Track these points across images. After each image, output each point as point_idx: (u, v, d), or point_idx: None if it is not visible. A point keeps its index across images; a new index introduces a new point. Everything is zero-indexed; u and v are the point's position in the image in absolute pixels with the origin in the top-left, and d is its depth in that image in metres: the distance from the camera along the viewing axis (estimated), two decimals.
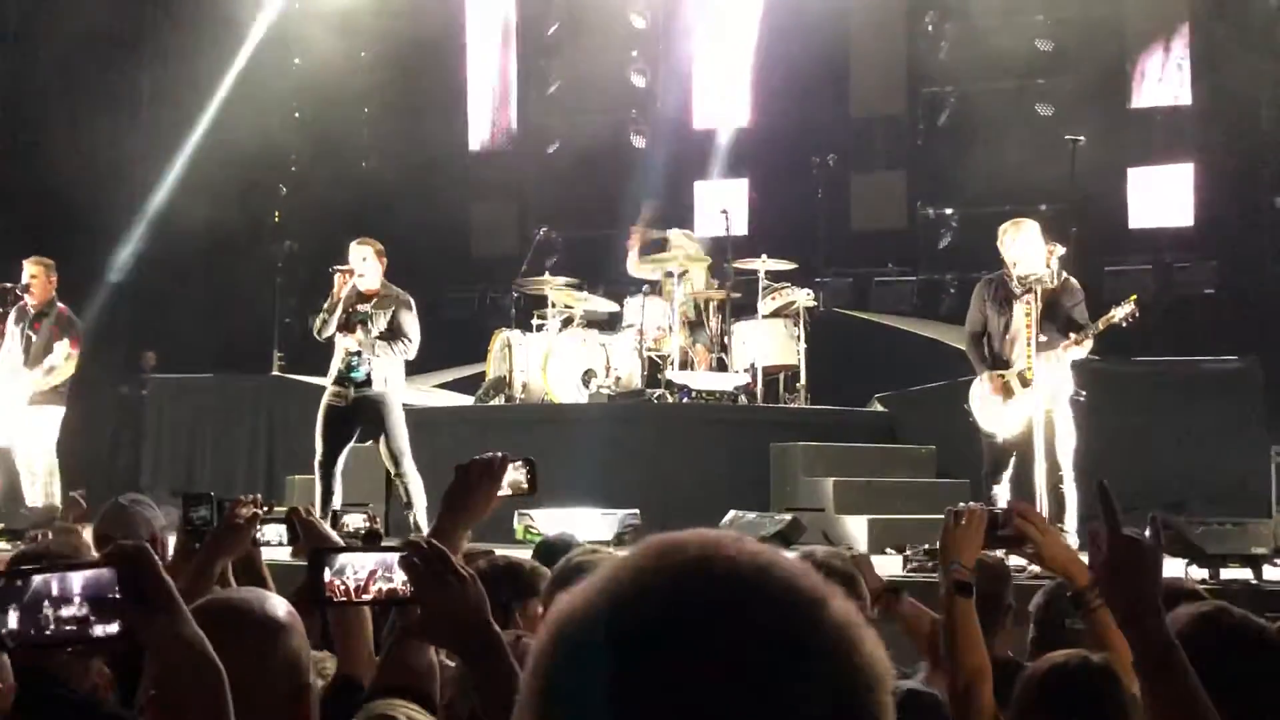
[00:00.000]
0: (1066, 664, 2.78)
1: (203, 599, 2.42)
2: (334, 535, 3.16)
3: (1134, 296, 7.59)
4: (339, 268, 8.50)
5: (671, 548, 1.03)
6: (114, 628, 1.73)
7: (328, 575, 2.16)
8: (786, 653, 0.98)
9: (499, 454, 2.77)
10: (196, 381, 12.53)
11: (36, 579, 1.73)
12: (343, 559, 2.17)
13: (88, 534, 4.60)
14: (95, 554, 3.31)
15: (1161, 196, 13.06)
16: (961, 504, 3.29)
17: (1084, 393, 7.59)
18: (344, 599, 2.18)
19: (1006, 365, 7.66)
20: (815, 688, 0.98)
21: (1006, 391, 7.63)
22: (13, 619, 1.70)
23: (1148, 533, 3.10)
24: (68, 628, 1.72)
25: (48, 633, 1.72)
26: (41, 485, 9.26)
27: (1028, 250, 7.66)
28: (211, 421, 12.13)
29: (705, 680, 0.96)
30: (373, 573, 2.16)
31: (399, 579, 2.13)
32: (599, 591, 1.02)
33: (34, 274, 9.40)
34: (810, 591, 1.02)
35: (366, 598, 2.18)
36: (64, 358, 9.31)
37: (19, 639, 1.72)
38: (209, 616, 2.27)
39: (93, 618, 1.73)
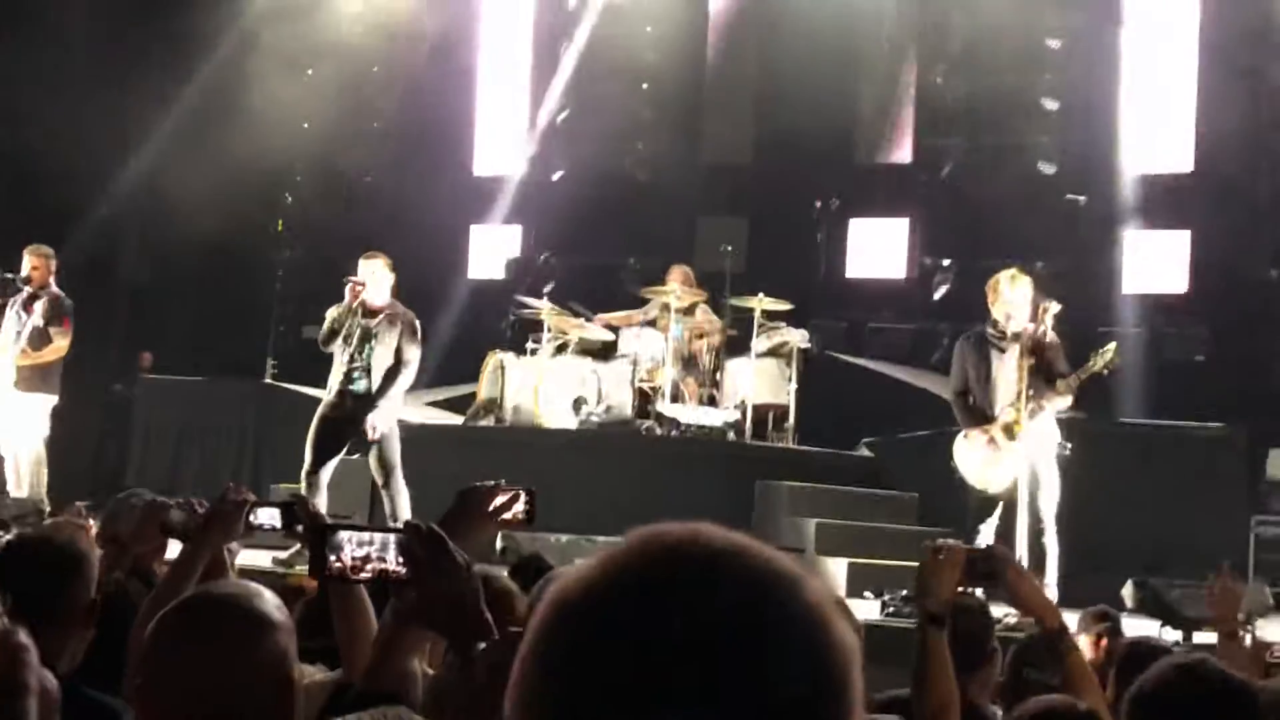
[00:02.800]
0: (1055, 708, 2.83)
1: (193, 591, 2.44)
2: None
3: (1114, 345, 7.65)
4: (353, 279, 8.49)
5: (654, 535, 1.09)
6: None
7: (327, 551, 2.24)
8: (760, 630, 1.03)
9: (501, 482, 2.81)
10: (187, 385, 12.55)
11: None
12: (342, 536, 2.25)
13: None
14: (99, 550, 3.33)
15: (1157, 261, 13.14)
16: (940, 540, 3.34)
17: (1069, 445, 7.64)
18: (339, 576, 2.28)
19: (989, 419, 7.69)
20: (790, 665, 1.03)
21: (993, 445, 7.67)
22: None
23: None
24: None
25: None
26: (28, 475, 9.25)
27: (1018, 304, 7.71)
28: (200, 426, 12.14)
29: (683, 658, 1.01)
30: (370, 553, 2.23)
31: (394, 559, 2.20)
32: (587, 576, 1.08)
33: (35, 265, 9.44)
34: (784, 572, 1.07)
35: (363, 576, 2.25)
36: (56, 326, 9.28)
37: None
38: (196, 608, 2.30)
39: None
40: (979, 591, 4.16)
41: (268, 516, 3.22)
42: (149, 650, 2.26)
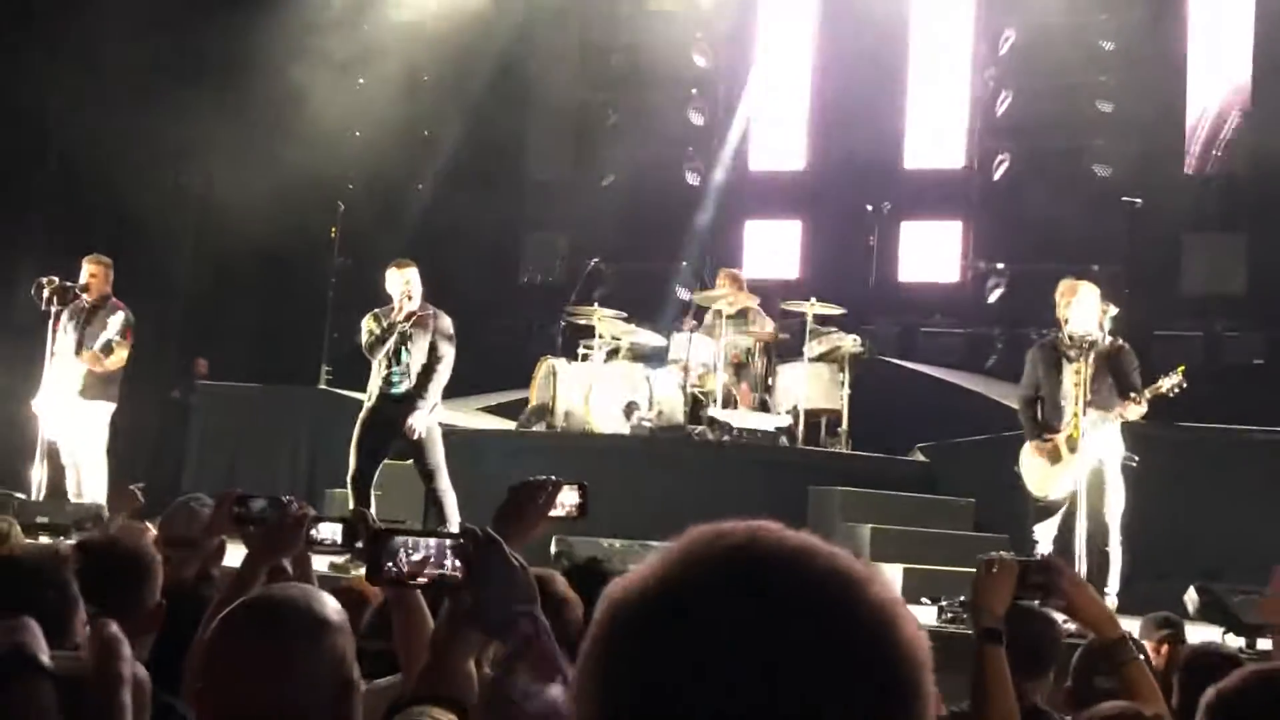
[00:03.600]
0: (1123, 716, 2.79)
1: (253, 594, 2.45)
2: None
3: (1182, 368, 7.58)
4: (406, 288, 8.51)
5: (714, 535, 1.08)
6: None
7: (384, 557, 2.27)
8: (826, 633, 1.01)
9: (552, 477, 2.81)
10: (244, 391, 12.65)
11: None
12: (398, 541, 2.28)
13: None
14: (161, 552, 3.35)
15: (1214, 264, 13.00)
16: (993, 553, 3.32)
17: (1136, 457, 7.58)
18: (396, 580, 2.30)
19: (1058, 428, 7.66)
20: (857, 665, 1.01)
21: (1054, 456, 7.63)
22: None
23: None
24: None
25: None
26: (88, 481, 9.34)
27: (1082, 312, 7.66)
28: (256, 432, 12.23)
29: (747, 661, 1.00)
30: (427, 558, 2.25)
31: (450, 564, 2.22)
32: (651, 573, 1.07)
33: (93, 273, 9.52)
34: (851, 572, 1.06)
35: (420, 581, 2.27)
36: (117, 338, 9.38)
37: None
38: (255, 611, 2.31)
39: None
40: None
41: (329, 532, 3.23)
42: (210, 652, 2.27)
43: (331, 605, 2.35)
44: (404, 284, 8.49)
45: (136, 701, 1.02)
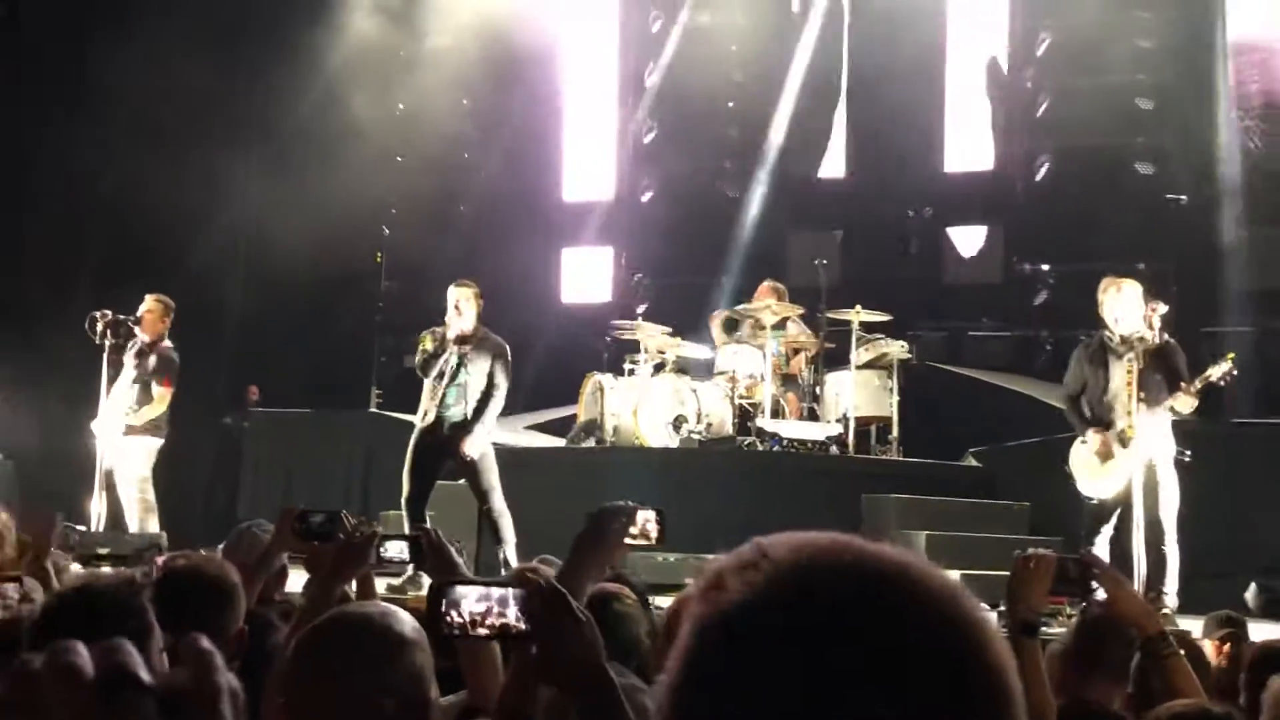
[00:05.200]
0: (1187, 713, 2.79)
1: (333, 611, 2.48)
2: (460, 560, 3.20)
3: (1231, 355, 7.52)
4: (456, 306, 8.56)
5: (803, 548, 1.04)
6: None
7: (444, 607, 2.19)
8: (935, 644, 1.00)
9: (629, 503, 2.84)
10: (295, 416, 12.77)
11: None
12: (460, 591, 2.20)
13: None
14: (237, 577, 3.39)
15: (1261, 258, 12.86)
16: (1030, 549, 3.32)
17: (1189, 453, 7.51)
18: (459, 632, 2.20)
19: (1106, 426, 7.61)
20: (955, 680, 0.99)
21: (1106, 453, 7.59)
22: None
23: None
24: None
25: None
26: (139, 512, 9.44)
27: (1128, 310, 7.61)
28: (309, 456, 12.33)
29: (847, 674, 0.97)
30: (489, 608, 2.18)
31: (514, 614, 2.16)
32: (740, 594, 1.02)
33: (150, 309, 9.63)
34: (946, 587, 1.04)
35: (482, 632, 2.18)
36: (155, 397, 9.52)
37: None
38: (334, 629, 2.34)
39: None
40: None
41: (396, 549, 3.26)
42: (289, 671, 2.30)
43: (410, 623, 2.36)
44: (454, 301, 8.52)
45: (236, 710, 1.05)
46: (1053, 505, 9.37)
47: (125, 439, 9.49)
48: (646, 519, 2.83)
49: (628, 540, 2.80)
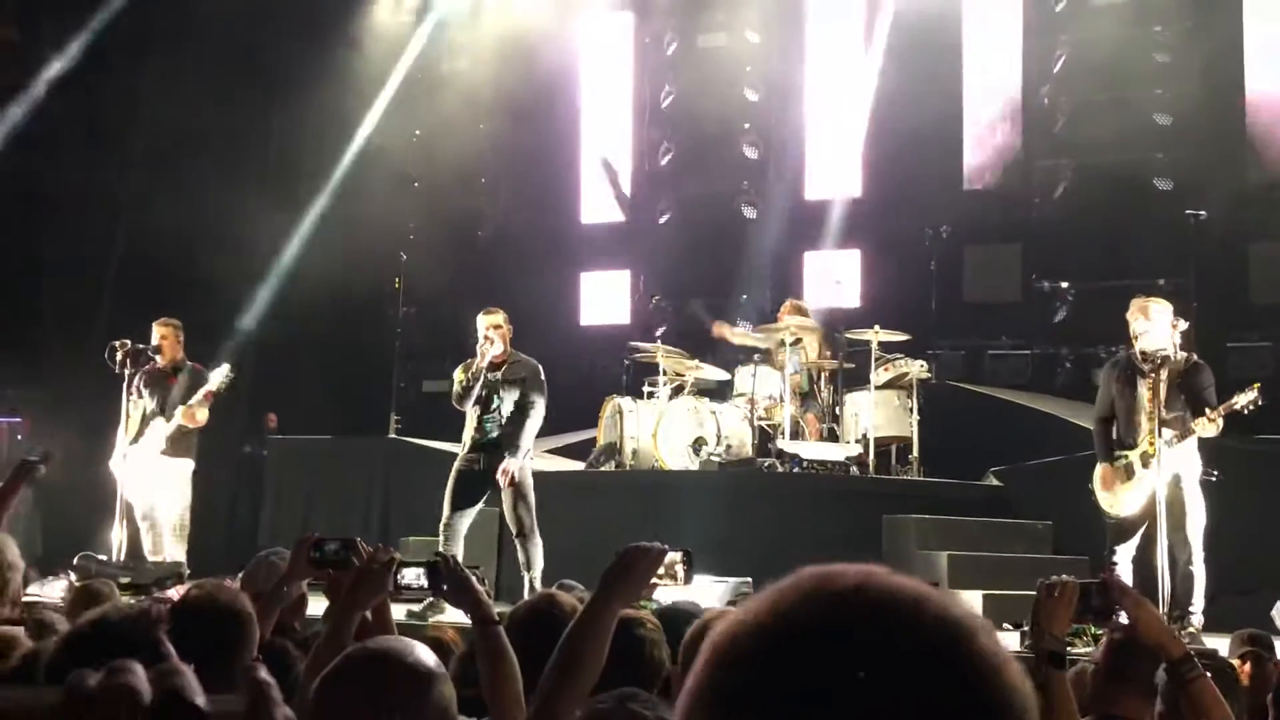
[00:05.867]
0: None
1: (355, 647, 2.47)
2: (480, 587, 3.19)
3: (1257, 385, 7.48)
4: (491, 334, 8.58)
5: (826, 578, 1.07)
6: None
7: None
8: (937, 683, 1.01)
9: (658, 543, 2.84)
10: (315, 443, 12.78)
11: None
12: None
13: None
14: (250, 604, 3.39)
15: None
16: (1054, 576, 3.30)
17: (1216, 473, 7.47)
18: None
19: (1132, 445, 7.59)
20: (966, 715, 1.00)
21: (1127, 473, 7.57)
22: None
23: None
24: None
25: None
26: (167, 539, 9.44)
27: (1156, 329, 7.58)
28: (328, 483, 12.34)
29: (857, 708, 0.99)
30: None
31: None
32: (757, 619, 1.06)
33: (163, 335, 9.67)
34: (962, 621, 1.05)
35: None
36: (201, 399, 9.53)
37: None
38: (362, 664, 2.32)
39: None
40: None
41: (414, 576, 3.25)
42: (317, 706, 2.28)
43: (432, 656, 2.37)
44: (483, 329, 8.57)
45: None
46: (1075, 524, 9.31)
47: (164, 461, 9.47)
48: (674, 560, 2.84)
49: (654, 580, 2.80)
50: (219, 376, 9.54)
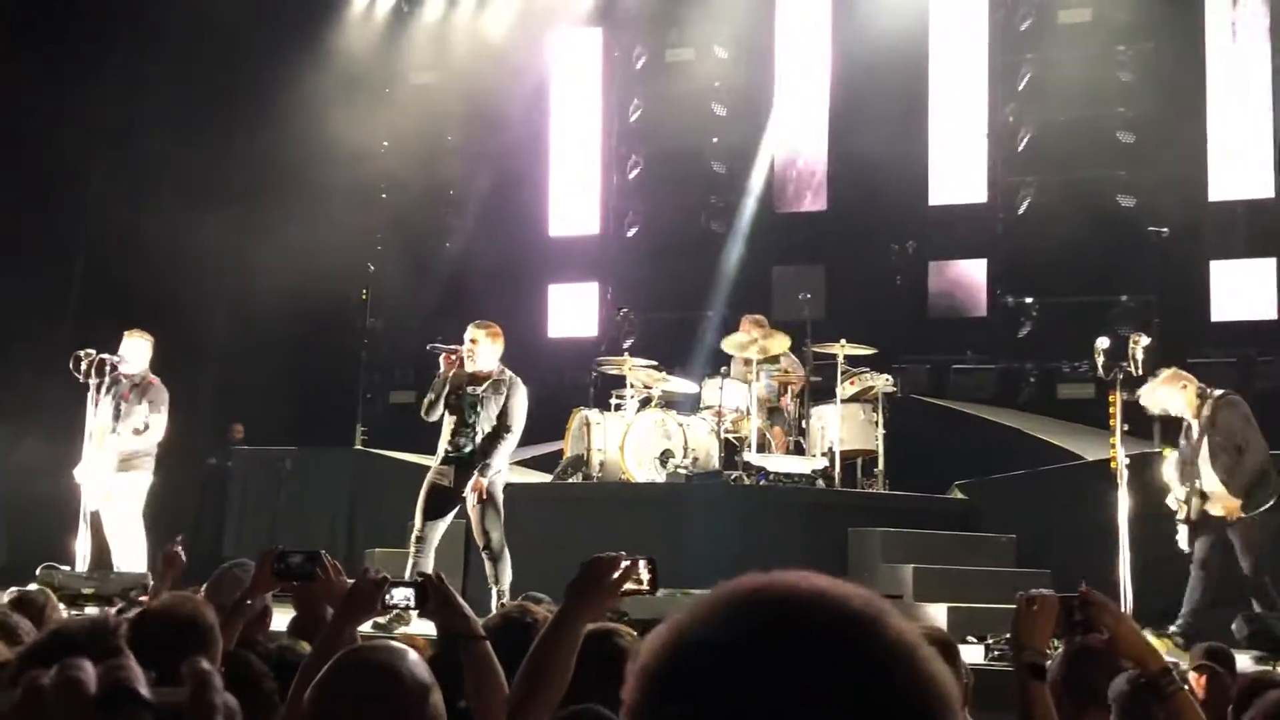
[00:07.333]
0: None
1: (349, 655, 2.47)
2: (466, 606, 3.19)
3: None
4: (440, 347, 8.56)
5: (735, 582, 1.10)
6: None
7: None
8: (844, 669, 1.02)
9: (623, 553, 2.85)
10: (280, 454, 12.73)
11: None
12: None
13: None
14: (214, 615, 3.39)
15: (1244, 289, 12.96)
16: (1034, 589, 3.32)
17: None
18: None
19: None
20: (875, 703, 1.02)
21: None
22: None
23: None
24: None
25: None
26: (128, 552, 9.40)
27: (1168, 403, 8.10)
28: (294, 494, 12.29)
29: (768, 699, 1.01)
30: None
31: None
32: (671, 626, 1.09)
33: (131, 346, 9.63)
34: (866, 610, 1.06)
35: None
36: (152, 418, 9.48)
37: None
38: (361, 673, 2.33)
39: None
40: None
41: (402, 596, 3.24)
42: (314, 714, 2.29)
43: (423, 664, 2.38)
44: (468, 339, 8.50)
45: None
46: (1038, 537, 9.39)
47: (120, 476, 9.44)
48: (638, 567, 2.84)
49: (623, 590, 2.81)
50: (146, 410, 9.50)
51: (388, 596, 3.25)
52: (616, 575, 2.82)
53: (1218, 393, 8.03)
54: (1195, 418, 7.92)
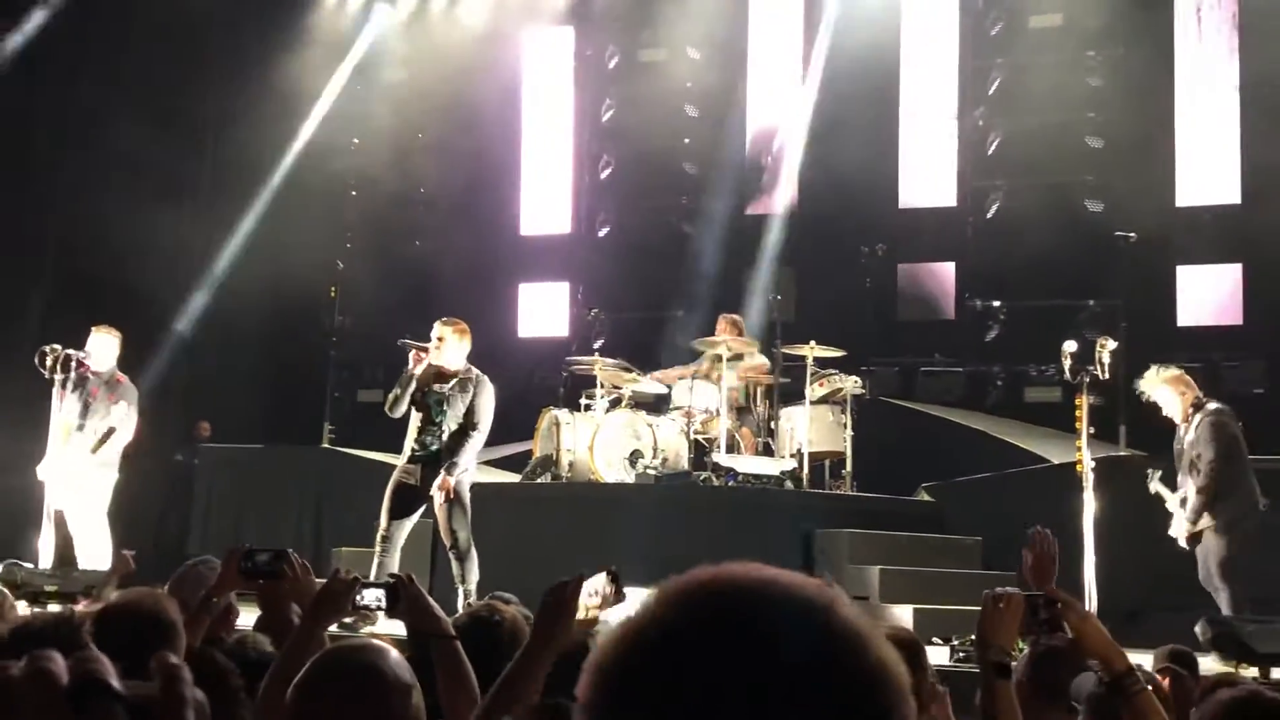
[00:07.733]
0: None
1: (327, 653, 2.46)
2: (437, 606, 3.18)
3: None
4: (411, 342, 8.51)
5: (686, 576, 1.10)
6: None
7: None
8: (793, 657, 1.02)
9: (583, 573, 2.85)
10: (247, 452, 12.67)
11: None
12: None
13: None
14: (177, 611, 3.37)
15: (1211, 295, 13.06)
16: (999, 588, 3.33)
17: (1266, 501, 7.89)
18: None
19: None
20: (825, 690, 1.02)
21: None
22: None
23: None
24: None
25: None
26: (91, 549, 9.33)
27: (1162, 401, 8.23)
28: (260, 492, 12.23)
29: (719, 690, 1.01)
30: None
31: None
32: (621, 625, 1.10)
33: (98, 342, 9.55)
34: (815, 599, 1.06)
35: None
36: (120, 419, 9.42)
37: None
38: (340, 672, 2.31)
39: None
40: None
41: (373, 597, 3.23)
42: (295, 713, 2.27)
43: (405, 664, 2.37)
44: (435, 335, 8.44)
45: None
46: (1004, 539, 9.40)
47: (84, 474, 9.37)
48: (599, 584, 2.83)
49: (592, 609, 2.80)
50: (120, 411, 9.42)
51: (358, 597, 3.24)
52: (572, 595, 2.82)
53: (1211, 406, 8.11)
54: (1184, 422, 8.02)
